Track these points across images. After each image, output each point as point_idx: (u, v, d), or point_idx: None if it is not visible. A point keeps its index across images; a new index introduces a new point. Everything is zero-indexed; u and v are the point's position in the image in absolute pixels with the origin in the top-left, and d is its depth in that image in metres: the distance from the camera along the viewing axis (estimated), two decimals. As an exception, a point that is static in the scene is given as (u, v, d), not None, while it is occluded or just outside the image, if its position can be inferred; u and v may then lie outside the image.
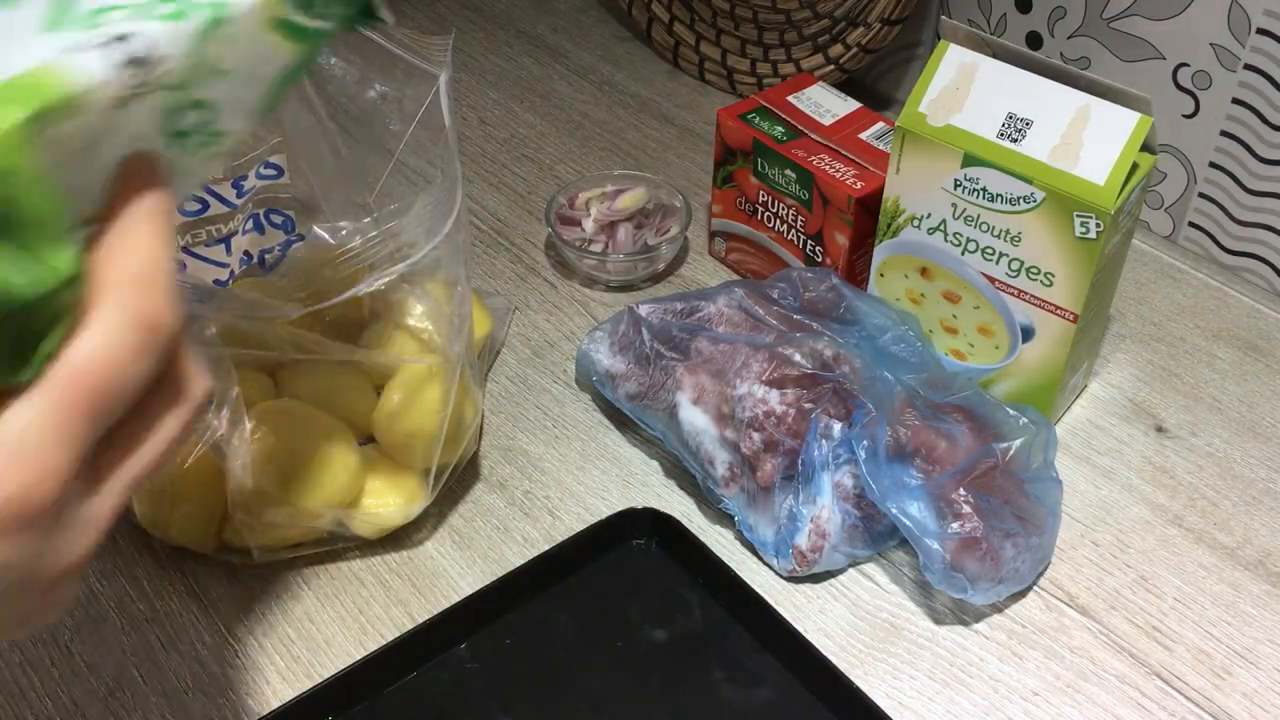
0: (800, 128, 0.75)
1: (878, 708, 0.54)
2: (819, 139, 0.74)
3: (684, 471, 0.67)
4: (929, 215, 0.66)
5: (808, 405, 0.61)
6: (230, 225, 0.65)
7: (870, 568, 0.63)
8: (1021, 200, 0.62)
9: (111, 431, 0.33)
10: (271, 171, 0.66)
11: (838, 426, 0.60)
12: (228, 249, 0.65)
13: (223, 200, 0.64)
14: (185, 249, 0.64)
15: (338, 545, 0.62)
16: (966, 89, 0.63)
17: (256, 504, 0.58)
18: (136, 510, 0.60)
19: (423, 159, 0.59)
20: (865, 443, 0.59)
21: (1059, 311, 0.64)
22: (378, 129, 0.60)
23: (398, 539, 0.63)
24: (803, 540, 0.60)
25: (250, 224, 0.66)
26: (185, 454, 0.57)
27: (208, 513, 0.60)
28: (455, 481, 0.66)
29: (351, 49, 0.58)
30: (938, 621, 0.60)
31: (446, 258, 0.58)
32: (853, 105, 0.77)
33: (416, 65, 0.56)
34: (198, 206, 0.64)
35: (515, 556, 0.63)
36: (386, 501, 0.61)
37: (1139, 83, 0.79)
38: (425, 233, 0.56)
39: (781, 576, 0.62)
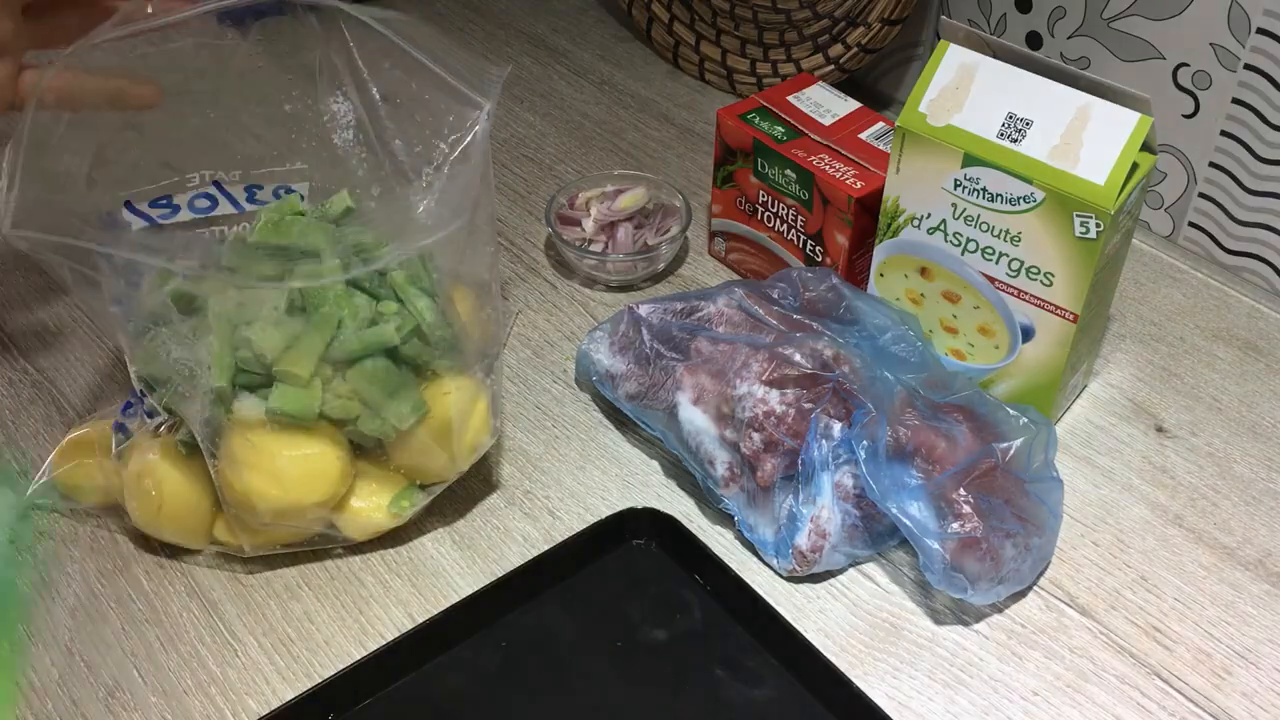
0: (800, 128, 0.75)
1: (878, 708, 0.54)
2: (819, 139, 0.74)
3: (684, 471, 0.67)
4: (929, 215, 0.66)
5: (808, 405, 0.61)
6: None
7: (870, 568, 0.63)
8: (1021, 200, 0.62)
9: None
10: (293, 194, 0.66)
11: (838, 426, 0.60)
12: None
13: (233, 202, 0.64)
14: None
15: (328, 545, 0.62)
16: (966, 89, 0.63)
17: (243, 503, 0.58)
18: (129, 509, 0.60)
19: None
20: (865, 443, 0.59)
21: (1059, 311, 0.64)
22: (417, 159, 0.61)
23: (397, 539, 0.63)
24: (803, 540, 0.60)
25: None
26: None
27: (196, 511, 0.60)
28: (455, 481, 0.66)
29: (402, 71, 0.59)
30: (938, 621, 0.60)
31: (448, 259, 0.58)
32: (853, 105, 0.77)
33: (463, 92, 0.58)
34: (207, 204, 0.64)
35: (515, 556, 0.63)
36: (376, 504, 0.61)
37: (1139, 83, 0.79)
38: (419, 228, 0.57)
39: (781, 576, 0.62)
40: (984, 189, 0.63)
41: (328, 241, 0.57)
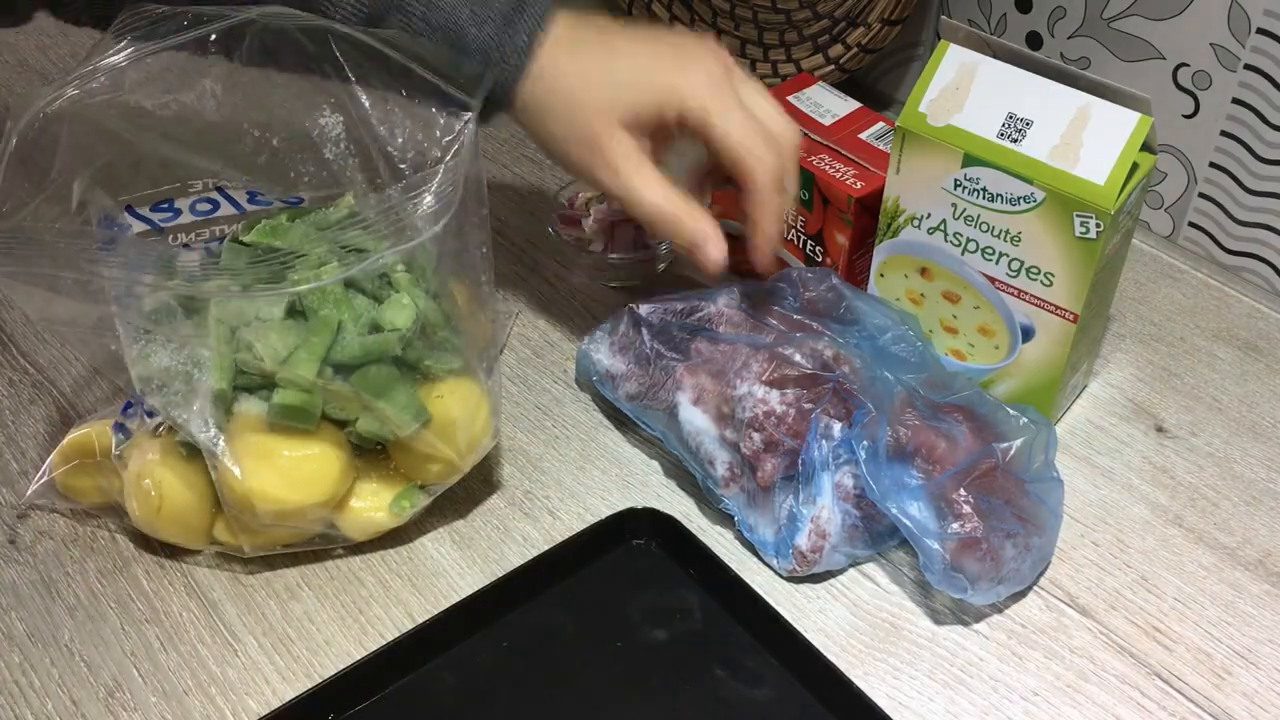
0: (800, 128, 0.75)
1: (878, 708, 0.54)
2: (819, 139, 0.74)
3: (684, 471, 0.67)
4: (929, 215, 0.66)
5: (808, 405, 0.61)
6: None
7: (870, 568, 0.63)
8: (1021, 200, 0.62)
9: None
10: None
11: (838, 426, 0.60)
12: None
13: (235, 205, 0.64)
14: (185, 246, 0.64)
15: (328, 545, 0.62)
16: (966, 89, 0.63)
17: (243, 504, 0.58)
18: (129, 509, 0.60)
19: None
20: (865, 443, 0.59)
21: (1059, 311, 0.64)
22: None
23: (397, 539, 0.63)
24: (803, 540, 0.60)
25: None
26: None
27: (195, 511, 0.60)
28: (455, 482, 0.66)
29: (391, 77, 0.59)
30: (938, 621, 0.60)
31: (437, 262, 0.58)
32: (853, 105, 0.77)
33: (450, 93, 0.59)
34: (209, 207, 0.64)
35: (515, 556, 0.63)
36: (376, 504, 0.61)
37: (1139, 83, 0.79)
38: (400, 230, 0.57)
39: (781, 577, 0.62)
40: (984, 189, 0.63)
41: (325, 246, 0.57)
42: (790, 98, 0.77)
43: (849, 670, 0.56)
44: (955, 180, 0.64)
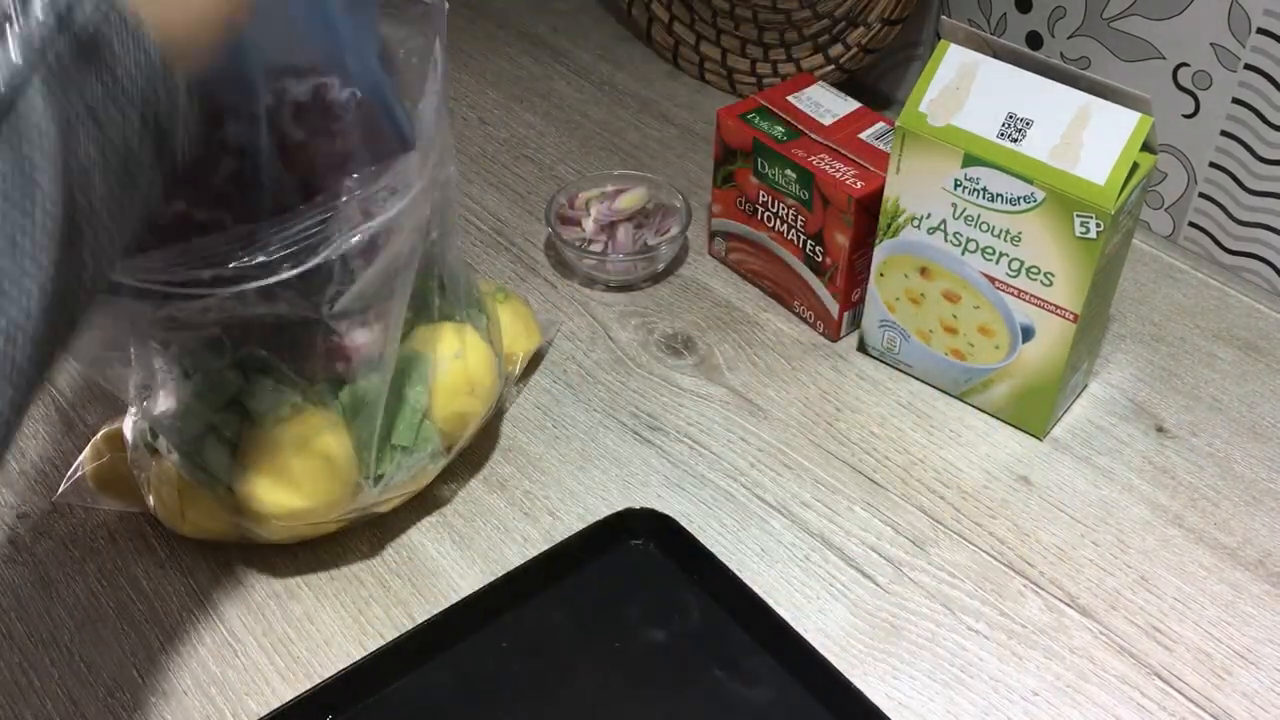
0: (800, 128, 0.75)
1: (877, 708, 0.54)
2: (819, 139, 0.74)
3: (684, 472, 0.67)
4: (929, 215, 0.66)
5: None
6: None
7: (870, 568, 0.63)
8: (1022, 200, 0.62)
9: None
10: None
11: None
12: None
13: None
14: None
15: (346, 525, 0.62)
16: (967, 89, 0.63)
17: (259, 519, 0.58)
18: (153, 504, 0.60)
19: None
20: None
21: (1059, 311, 0.64)
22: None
23: (397, 539, 0.63)
24: None
25: None
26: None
27: (217, 513, 0.60)
28: (455, 481, 0.66)
29: None
30: (937, 622, 0.60)
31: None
32: (853, 105, 0.77)
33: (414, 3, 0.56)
34: None
35: (515, 556, 0.63)
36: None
37: (1139, 83, 0.79)
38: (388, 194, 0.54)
39: None
40: (984, 189, 0.63)
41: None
42: (790, 97, 0.77)
43: (849, 670, 0.56)
44: (955, 180, 0.64)
